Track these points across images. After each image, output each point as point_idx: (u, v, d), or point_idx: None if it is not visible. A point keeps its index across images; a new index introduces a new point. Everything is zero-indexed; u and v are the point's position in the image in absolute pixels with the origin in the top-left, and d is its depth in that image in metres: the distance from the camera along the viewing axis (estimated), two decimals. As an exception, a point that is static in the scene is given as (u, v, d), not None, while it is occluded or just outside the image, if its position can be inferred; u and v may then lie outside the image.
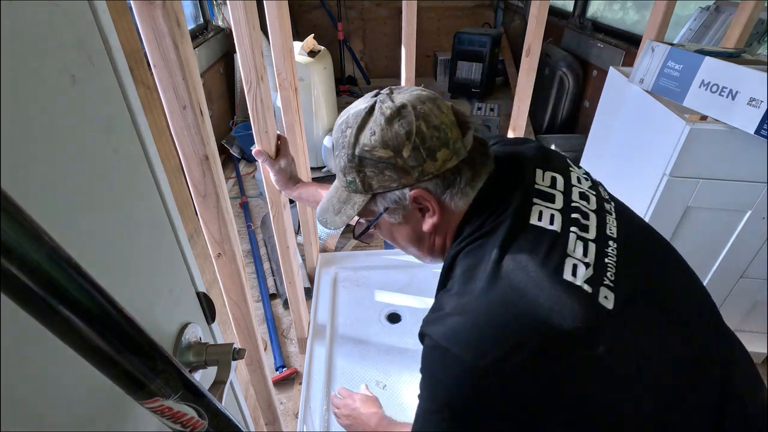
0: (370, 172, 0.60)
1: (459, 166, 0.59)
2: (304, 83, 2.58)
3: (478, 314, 0.52)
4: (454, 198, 0.61)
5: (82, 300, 0.25)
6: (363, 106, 0.61)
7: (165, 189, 0.47)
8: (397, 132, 0.57)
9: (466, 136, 0.59)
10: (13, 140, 0.26)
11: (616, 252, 0.57)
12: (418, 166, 0.58)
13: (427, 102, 0.59)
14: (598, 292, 0.52)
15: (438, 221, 0.62)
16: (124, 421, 0.38)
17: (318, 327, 1.60)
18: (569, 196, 0.62)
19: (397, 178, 0.59)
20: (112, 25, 0.38)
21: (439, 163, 0.58)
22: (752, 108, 1.08)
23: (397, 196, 0.61)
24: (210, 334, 0.58)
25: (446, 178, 0.59)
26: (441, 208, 0.61)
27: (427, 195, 0.60)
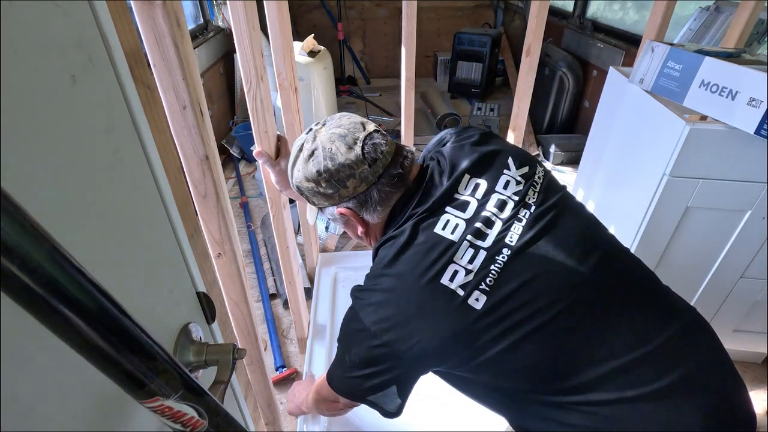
0: (308, 195, 0.78)
1: (369, 190, 0.74)
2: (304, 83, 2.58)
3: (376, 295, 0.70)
4: (370, 214, 0.77)
5: (82, 299, 0.25)
6: (299, 142, 0.78)
7: (165, 189, 0.47)
8: (311, 170, 0.74)
9: (373, 166, 0.73)
10: (13, 140, 0.26)
11: (505, 260, 0.67)
12: (334, 193, 0.75)
13: (337, 141, 0.73)
14: (469, 295, 0.65)
15: (364, 229, 0.81)
16: (124, 420, 0.38)
17: (318, 327, 1.60)
18: (484, 204, 0.72)
19: (324, 199, 0.77)
20: (112, 25, 0.38)
21: (350, 189, 0.74)
22: (752, 108, 1.08)
23: (331, 211, 0.79)
24: (210, 334, 0.58)
25: (360, 200, 0.75)
26: (362, 220, 0.79)
27: (348, 212, 0.78)
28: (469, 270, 0.67)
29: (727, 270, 1.36)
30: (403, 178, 0.76)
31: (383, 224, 0.79)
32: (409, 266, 0.69)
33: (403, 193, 0.76)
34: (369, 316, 0.69)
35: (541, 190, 0.75)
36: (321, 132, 0.75)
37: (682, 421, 0.61)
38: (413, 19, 1.34)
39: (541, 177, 0.77)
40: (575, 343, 0.65)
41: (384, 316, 0.68)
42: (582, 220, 0.75)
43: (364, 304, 0.71)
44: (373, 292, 0.71)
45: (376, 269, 0.74)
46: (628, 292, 0.70)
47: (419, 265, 0.68)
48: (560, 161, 3.02)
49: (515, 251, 0.68)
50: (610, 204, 1.62)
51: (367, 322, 0.69)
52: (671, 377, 0.62)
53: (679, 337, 0.66)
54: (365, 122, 0.77)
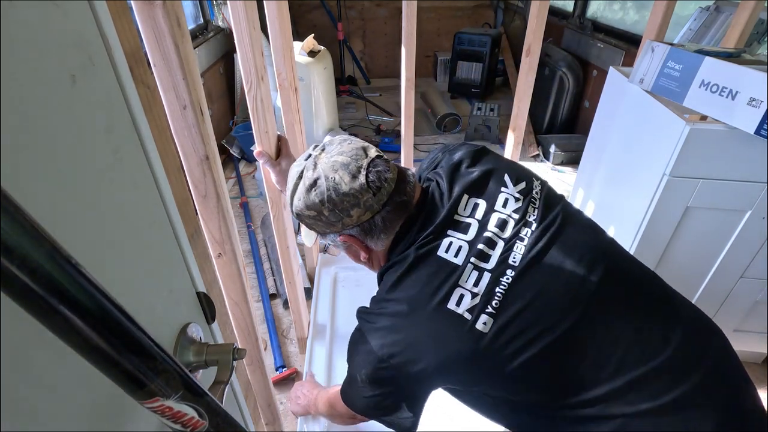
0: (308, 222, 0.77)
1: (374, 219, 0.73)
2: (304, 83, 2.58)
3: (382, 320, 0.71)
4: (374, 241, 0.76)
5: (83, 300, 0.25)
6: (297, 169, 0.76)
7: (165, 189, 0.47)
8: (314, 200, 0.72)
9: (378, 195, 0.72)
10: (13, 140, 0.26)
11: (510, 281, 0.67)
12: (338, 221, 0.73)
13: (340, 170, 0.71)
14: (477, 319, 0.65)
15: (367, 255, 0.80)
16: (124, 420, 0.38)
17: (318, 327, 1.60)
18: (485, 225, 0.72)
19: (326, 227, 0.75)
20: (112, 25, 0.38)
21: (354, 218, 0.72)
22: (752, 108, 1.08)
23: (332, 237, 0.79)
24: (210, 334, 0.58)
25: (364, 228, 0.74)
26: (366, 247, 0.79)
27: (351, 240, 0.77)
28: (474, 293, 0.66)
29: (727, 270, 1.36)
30: (407, 204, 0.75)
31: (387, 250, 0.78)
32: (415, 291, 0.69)
33: (405, 219, 0.75)
34: (376, 340, 0.69)
35: (540, 206, 0.75)
36: (321, 158, 0.73)
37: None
38: (413, 19, 1.34)
39: (538, 192, 0.77)
40: (586, 358, 0.65)
41: (391, 340, 0.68)
42: (583, 230, 0.75)
43: (371, 328, 0.71)
44: (380, 317, 0.71)
45: (382, 293, 0.74)
46: (635, 301, 0.69)
47: (425, 290, 0.68)
48: (560, 161, 3.02)
49: (519, 272, 0.68)
50: (610, 204, 1.62)
51: (375, 346, 0.69)
52: (682, 388, 0.62)
53: (687, 344, 0.66)
54: (366, 147, 0.75)
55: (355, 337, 0.75)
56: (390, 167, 0.75)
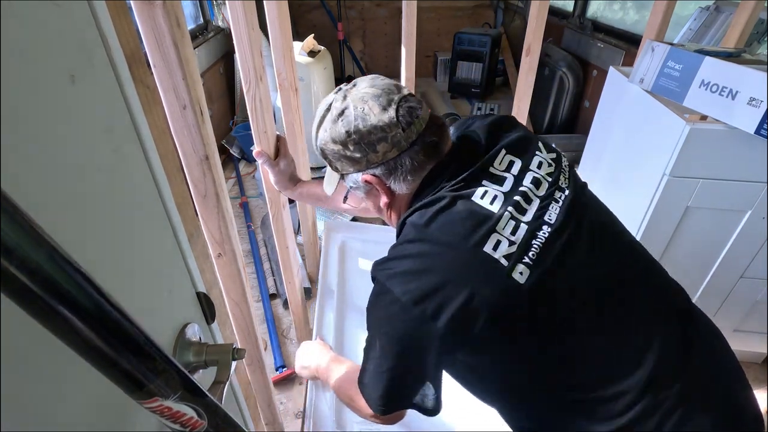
0: (332, 158, 0.73)
1: (400, 157, 0.69)
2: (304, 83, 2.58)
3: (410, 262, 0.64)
4: (398, 183, 0.71)
5: (82, 300, 0.25)
6: (326, 102, 0.72)
7: (165, 189, 0.47)
8: (340, 130, 0.69)
9: (407, 131, 0.67)
10: (13, 140, 0.26)
11: (546, 236, 0.64)
12: (363, 157, 0.69)
13: (370, 101, 0.68)
14: (514, 268, 0.61)
15: (388, 201, 0.74)
16: (123, 420, 0.38)
17: (326, 291, 1.45)
18: (520, 180, 0.69)
19: (350, 165, 0.71)
20: (111, 25, 0.38)
21: (380, 154, 0.68)
22: (752, 108, 1.08)
23: (354, 178, 0.74)
24: (210, 334, 0.58)
25: (389, 167, 0.70)
26: (387, 190, 0.73)
27: (374, 180, 0.72)
28: (512, 241, 0.62)
29: (727, 270, 1.36)
30: (437, 147, 0.70)
31: (411, 197, 0.72)
32: (447, 231, 0.63)
33: (435, 164, 0.70)
34: (399, 287, 0.62)
35: (570, 177, 0.73)
36: (352, 92, 0.70)
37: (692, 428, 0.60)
38: (413, 19, 1.34)
39: (567, 165, 0.76)
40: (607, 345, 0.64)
41: (417, 284, 0.61)
42: (608, 217, 0.75)
43: (392, 275, 0.64)
44: (404, 260, 0.64)
45: (407, 236, 0.67)
46: (649, 298, 0.69)
47: (459, 231, 0.62)
48: (560, 161, 3.02)
49: (555, 230, 0.64)
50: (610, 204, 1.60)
51: (398, 293, 0.62)
52: (678, 389, 0.62)
53: (688, 348, 0.65)
54: (399, 85, 0.71)
55: (372, 299, 0.68)
56: (423, 106, 0.70)
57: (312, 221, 1.86)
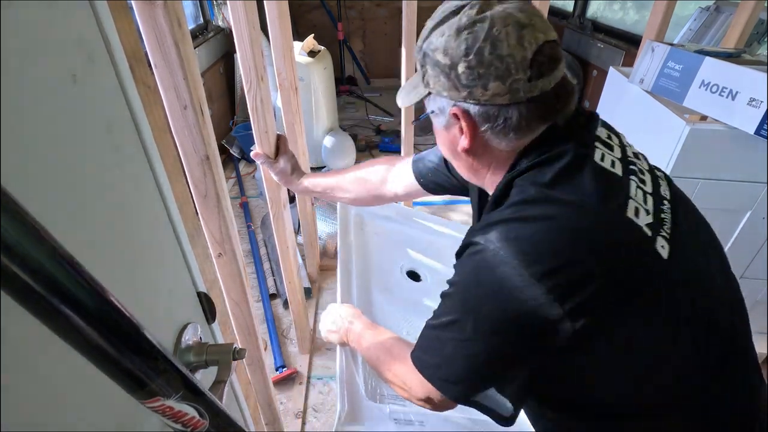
0: (430, 70, 0.60)
1: (509, 107, 0.56)
2: (304, 83, 2.58)
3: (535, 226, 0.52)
4: (493, 135, 0.58)
5: (84, 299, 0.25)
6: (456, 4, 0.57)
7: (165, 189, 0.47)
8: (459, 45, 0.55)
9: (533, 82, 0.54)
10: (14, 140, 0.26)
11: (670, 211, 0.58)
12: (467, 87, 0.56)
13: (511, 27, 0.53)
14: (655, 239, 0.53)
15: (469, 147, 0.61)
16: (124, 420, 0.38)
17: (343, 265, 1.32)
18: (625, 151, 0.62)
19: (447, 88, 0.58)
20: (112, 25, 0.38)
21: (488, 93, 0.55)
22: (752, 108, 1.08)
23: (442, 104, 0.61)
24: (210, 334, 0.58)
25: (489, 113, 0.57)
26: (474, 136, 0.60)
27: (465, 117, 0.58)
28: (647, 210, 0.54)
29: (727, 270, 1.36)
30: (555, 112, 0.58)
31: (512, 154, 0.60)
32: (581, 192, 0.53)
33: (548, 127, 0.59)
34: (519, 257, 0.51)
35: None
36: (495, 6, 0.55)
37: None
38: (413, 19, 1.34)
39: None
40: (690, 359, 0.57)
41: (543, 255, 0.50)
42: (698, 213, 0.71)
43: (509, 241, 0.52)
44: (525, 224, 0.53)
45: (524, 195, 0.56)
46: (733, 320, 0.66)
47: (594, 192, 0.53)
48: (560, 161, 3.02)
49: (673, 207, 0.58)
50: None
51: (517, 264, 0.50)
52: None
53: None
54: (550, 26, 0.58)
55: (467, 270, 0.57)
56: (563, 63, 0.58)
57: (312, 221, 1.86)
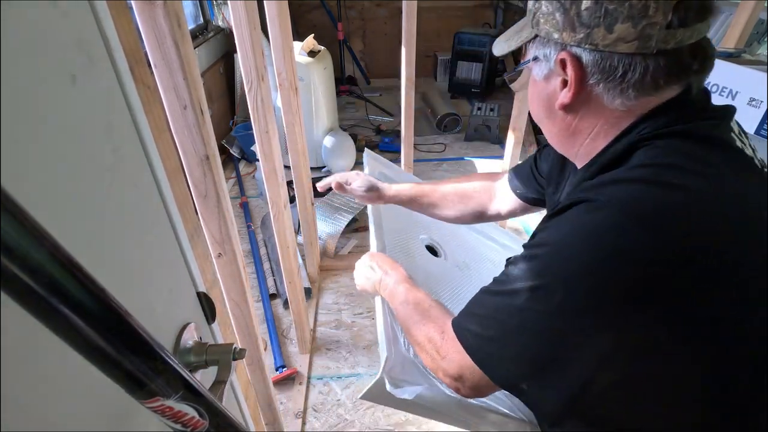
0: (545, 7, 0.51)
1: (633, 57, 0.46)
2: (304, 83, 2.58)
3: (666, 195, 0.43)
4: (605, 90, 0.49)
5: (83, 299, 0.25)
6: None
7: (165, 189, 0.47)
8: None
9: (670, 31, 0.45)
10: (14, 140, 0.26)
11: None
12: (586, 27, 0.47)
13: None
14: None
15: (570, 102, 0.52)
16: (124, 420, 0.38)
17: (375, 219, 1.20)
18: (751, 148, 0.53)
19: (560, 28, 0.50)
20: (112, 25, 0.38)
21: (611, 38, 0.46)
22: (752, 108, 1.08)
23: (549, 49, 0.52)
24: (210, 334, 0.58)
25: (607, 61, 0.48)
26: (581, 90, 0.51)
27: (574, 65, 0.49)
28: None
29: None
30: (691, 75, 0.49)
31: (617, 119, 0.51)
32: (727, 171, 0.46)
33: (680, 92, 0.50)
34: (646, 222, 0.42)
35: None
36: None
37: None
38: (413, 19, 1.34)
39: None
40: None
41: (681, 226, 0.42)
42: None
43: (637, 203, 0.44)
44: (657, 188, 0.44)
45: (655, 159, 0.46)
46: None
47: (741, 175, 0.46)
48: (560, 161, 3.02)
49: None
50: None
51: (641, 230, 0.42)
52: None
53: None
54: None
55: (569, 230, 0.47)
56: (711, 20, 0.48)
57: (312, 221, 1.86)
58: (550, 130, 0.59)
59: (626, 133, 0.50)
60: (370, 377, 1.58)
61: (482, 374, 0.53)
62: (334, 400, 1.52)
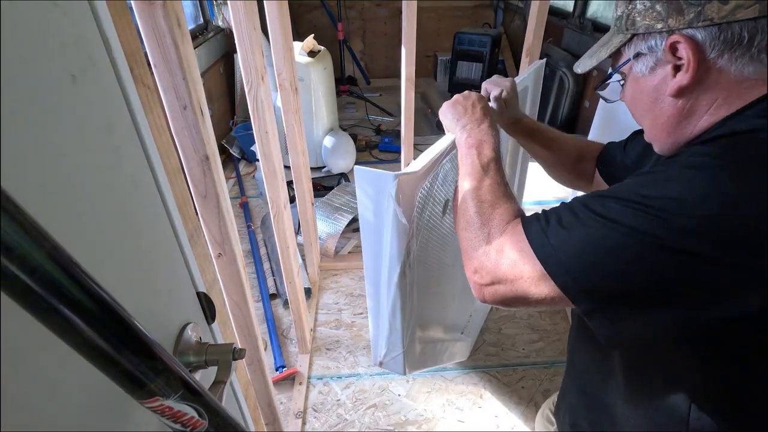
0: (640, 4, 0.51)
1: (757, 21, 0.44)
2: (304, 83, 2.58)
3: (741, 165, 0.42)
4: (734, 60, 0.46)
5: (83, 300, 0.25)
6: None
7: (165, 189, 0.47)
8: None
9: None
10: (14, 140, 0.26)
11: None
12: (695, 6, 0.46)
13: None
14: None
15: (690, 83, 0.49)
16: (124, 420, 0.38)
17: None
18: None
19: (665, 16, 0.48)
20: (112, 25, 0.38)
21: (728, 7, 0.44)
22: (752, 108, 1.08)
23: (654, 41, 0.51)
24: (210, 334, 0.58)
25: (729, 33, 0.45)
26: (702, 67, 0.48)
27: (689, 45, 0.47)
28: None
29: (727, 270, 1.36)
30: None
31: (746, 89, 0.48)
32: None
33: None
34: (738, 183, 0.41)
35: None
36: None
37: None
38: (413, 19, 1.34)
39: None
40: None
41: None
42: None
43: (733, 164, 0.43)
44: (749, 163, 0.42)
45: None
46: None
47: None
48: (560, 161, 3.02)
49: None
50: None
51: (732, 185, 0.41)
52: None
53: None
54: None
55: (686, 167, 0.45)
56: None
57: (312, 221, 1.86)
58: (655, 121, 0.56)
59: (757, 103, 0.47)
60: (370, 377, 1.59)
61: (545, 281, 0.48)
62: (334, 400, 1.52)
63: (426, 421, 1.44)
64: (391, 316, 0.85)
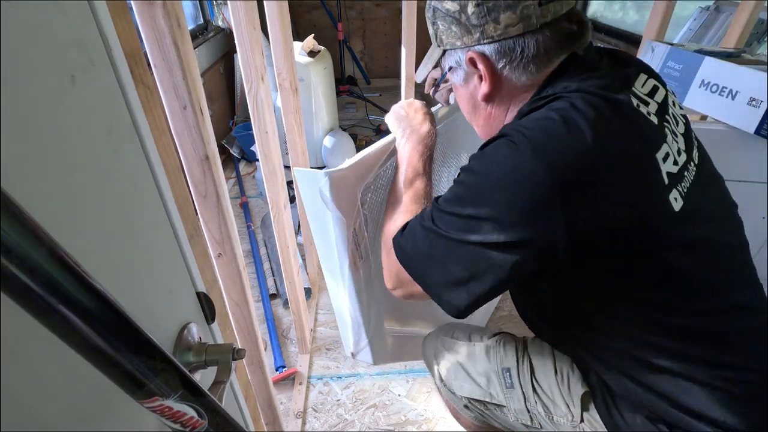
0: (441, 25, 0.61)
1: (524, 37, 0.56)
2: (304, 83, 2.58)
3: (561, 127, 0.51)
4: (512, 71, 0.58)
5: (82, 299, 0.25)
6: None
7: (165, 189, 0.47)
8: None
9: (544, 7, 0.54)
10: (13, 140, 0.26)
11: (694, 172, 0.59)
12: (479, 27, 0.57)
13: None
14: (670, 189, 0.54)
15: (490, 91, 0.61)
16: (123, 420, 0.38)
17: None
18: (665, 109, 0.60)
19: (460, 35, 0.59)
20: (112, 25, 0.38)
21: (501, 27, 0.56)
22: (752, 108, 1.08)
23: (458, 56, 0.62)
24: (210, 334, 0.58)
25: (505, 47, 0.57)
26: (494, 77, 0.60)
27: (481, 59, 0.59)
28: (676, 161, 0.55)
29: (727, 270, 1.36)
30: (574, 38, 0.58)
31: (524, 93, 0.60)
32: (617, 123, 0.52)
33: (569, 55, 0.58)
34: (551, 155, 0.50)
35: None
36: None
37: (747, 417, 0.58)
38: (413, 19, 1.34)
39: None
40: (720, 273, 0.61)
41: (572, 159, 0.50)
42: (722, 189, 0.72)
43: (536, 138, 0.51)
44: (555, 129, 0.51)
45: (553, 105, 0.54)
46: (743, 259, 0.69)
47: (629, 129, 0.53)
48: (560, 161, 3.01)
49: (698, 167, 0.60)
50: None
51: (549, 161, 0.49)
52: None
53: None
54: None
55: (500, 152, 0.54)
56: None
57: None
58: (478, 123, 0.68)
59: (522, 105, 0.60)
60: (370, 377, 1.59)
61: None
62: (334, 400, 1.52)
63: (426, 421, 1.44)
64: (351, 308, 0.88)
